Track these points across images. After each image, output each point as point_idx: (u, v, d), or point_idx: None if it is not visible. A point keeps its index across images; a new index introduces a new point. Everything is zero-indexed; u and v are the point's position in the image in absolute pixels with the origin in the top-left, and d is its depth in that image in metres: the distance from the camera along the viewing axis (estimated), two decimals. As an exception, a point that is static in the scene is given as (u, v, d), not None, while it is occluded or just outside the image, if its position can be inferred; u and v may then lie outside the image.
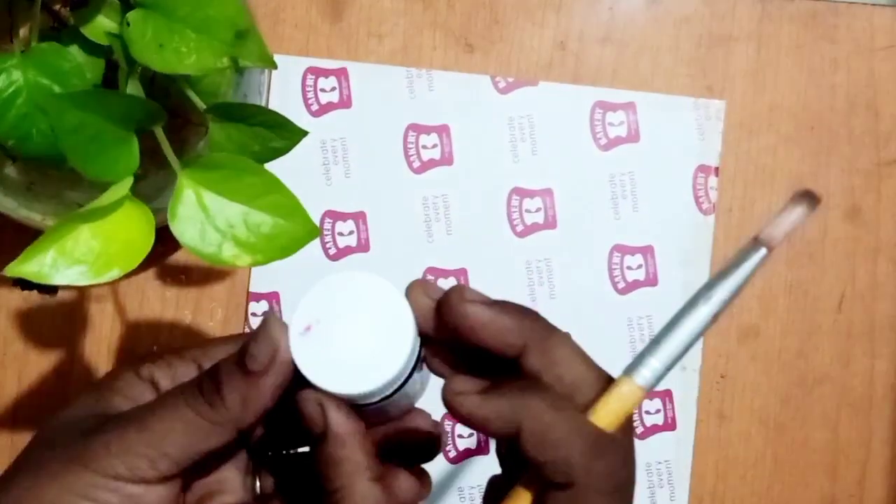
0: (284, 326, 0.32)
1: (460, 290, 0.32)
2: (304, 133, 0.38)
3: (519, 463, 0.31)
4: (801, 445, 0.55)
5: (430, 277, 0.54)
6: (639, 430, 0.55)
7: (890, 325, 0.55)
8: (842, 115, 0.55)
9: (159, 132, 0.37)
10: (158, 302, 0.54)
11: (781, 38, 0.55)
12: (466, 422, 0.31)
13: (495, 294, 0.53)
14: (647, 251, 0.55)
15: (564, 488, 0.30)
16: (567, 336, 0.32)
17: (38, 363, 0.54)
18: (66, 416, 0.34)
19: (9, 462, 0.34)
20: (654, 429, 0.55)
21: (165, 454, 0.31)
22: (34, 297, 0.54)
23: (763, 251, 0.31)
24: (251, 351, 0.32)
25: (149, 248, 0.36)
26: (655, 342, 0.31)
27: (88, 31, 0.38)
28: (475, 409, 0.30)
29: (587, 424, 0.30)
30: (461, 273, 0.54)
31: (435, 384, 0.33)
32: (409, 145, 0.55)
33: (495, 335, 0.31)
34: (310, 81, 0.54)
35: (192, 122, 0.44)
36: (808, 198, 0.31)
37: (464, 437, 0.54)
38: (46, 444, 0.33)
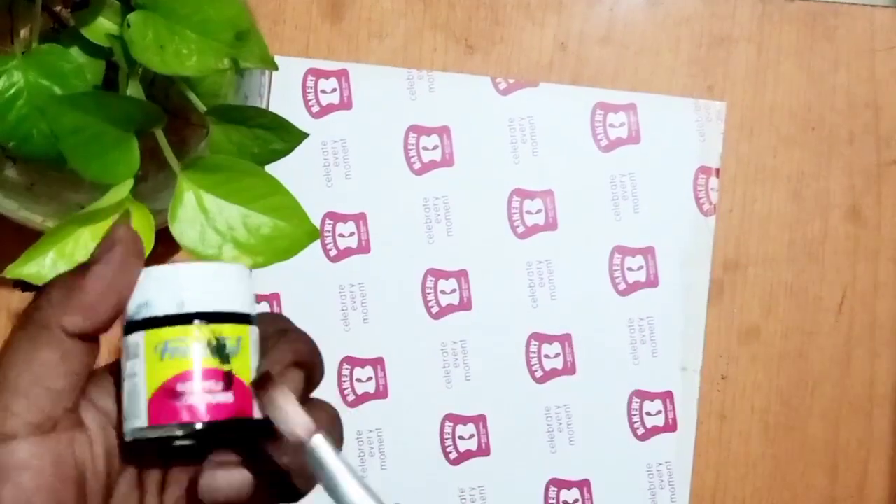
0: (137, 239, 0.29)
1: None
2: (305, 135, 0.38)
3: None
4: (802, 446, 0.55)
5: (430, 279, 0.54)
6: (639, 431, 0.55)
7: (890, 325, 0.55)
8: (842, 116, 0.55)
9: (159, 134, 0.37)
10: (159, 303, 0.54)
11: (782, 38, 0.55)
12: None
13: (498, 296, 0.53)
14: (647, 252, 0.55)
15: None
16: None
17: (39, 364, 0.54)
18: None
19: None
20: (655, 430, 0.55)
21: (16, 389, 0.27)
22: (35, 298, 0.54)
23: (317, 437, 0.28)
24: (94, 251, 0.29)
25: (149, 250, 0.36)
26: None
27: (89, 32, 0.38)
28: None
29: None
30: (462, 274, 0.54)
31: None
32: (410, 147, 0.55)
33: None
34: (310, 83, 0.54)
35: (192, 124, 0.45)
36: (266, 384, 0.29)
37: (464, 438, 0.54)
38: None
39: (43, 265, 0.34)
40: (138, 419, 0.29)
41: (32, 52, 0.37)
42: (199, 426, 0.28)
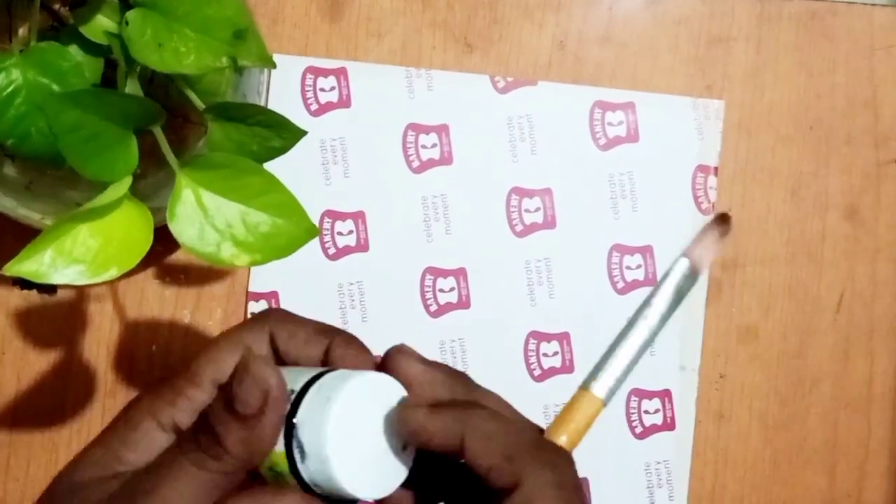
0: (269, 361, 0.32)
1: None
2: (303, 133, 0.38)
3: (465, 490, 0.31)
4: (800, 445, 0.55)
5: (429, 277, 0.54)
6: (638, 430, 0.55)
7: (889, 325, 0.55)
8: (841, 115, 0.55)
9: (158, 132, 0.37)
10: (157, 301, 0.54)
11: (780, 37, 0.55)
12: (415, 437, 0.31)
13: (496, 294, 0.53)
14: (646, 251, 0.55)
15: (511, 492, 0.30)
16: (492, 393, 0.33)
17: (38, 362, 0.54)
18: (77, 476, 0.33)
19: (7, 460, 0.34)
20: (653, 429, 0.55)
21: None
22: (33, 296, 0.54)
23: (686, 262, 0.34)
24: (239, 396, 0.31)
25: (147, 248, 0.36)
26: (606, 358, 0.33)
27: (87, 30, 0.38)
28: (422, 422, 0.31)
29: (528, 428, 0.31)
30: (460, 273, 0.54)
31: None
32: (409, 145, 0.55)
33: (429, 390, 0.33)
34: (309, 81, 0.54)
35: (191, 122, 0.44)
36: (724, 222, 0.34)
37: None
38: None
39: (41, 263, 0.34)
40: None
41: (31, 49, 0.37)
42: None
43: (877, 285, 0.55)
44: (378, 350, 0.35)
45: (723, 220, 0.35)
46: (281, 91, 0.54)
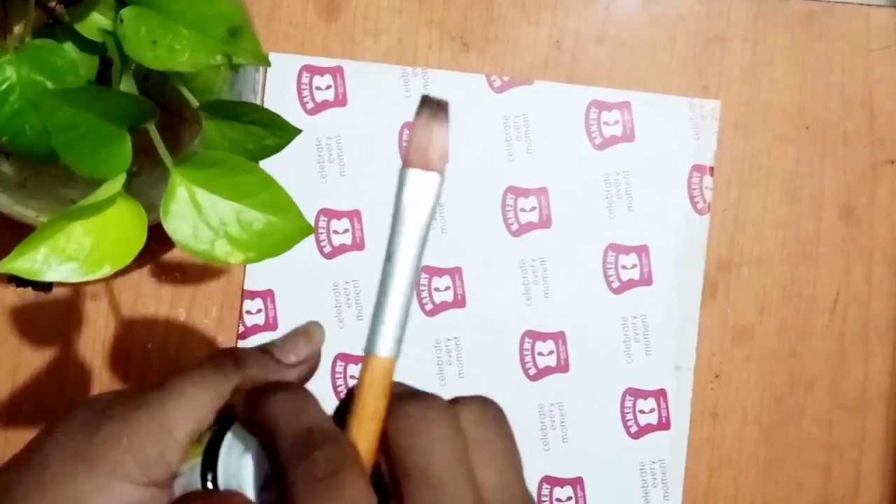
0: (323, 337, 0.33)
1: None
2: (298, 131, 0.38)
3: None
4: (795, 445, 0.55)
5: (424, 276, 0.54)
6: (633, 429, 0.55)
7: (884, 325, 0.55)
8: (837, 115, 0.55)
9: (153, 129, 0.37)
10: (153, 299, 0.54)
11: (777, 37, 0.55)
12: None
13: (492, 293, 0.53)
14: (641, 250, 0.55)
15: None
16: None
17: (33, 360, 0.54)
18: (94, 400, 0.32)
19: (3, 457, 0.34)
20: (649, 428, 0.55)
21: (175, 440, 0.29)
22: (29, 293, 0.54)
23: (438, 177, 0.30)
24: (286, 345, 0.32)
25: (141, 245, 0.36)
26: (378, 311, 0.29)
27: (82, 27, 0.38)
28: None
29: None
30: (456, 272, 0.54)
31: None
32: (404, 143, 0.55)
33: None
34: (305, 79, 0.54)
35: (185, 120, 0.44)
36: (432, 106, 0.29)
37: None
38: (58, 433, 0.31)
39: (35, 260, 0.34)
40: None
41: (26, 47, 0.37)
42: None
43: (872, 285, 0.55)
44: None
45: (429, 103, 0.29)
46: (277, 89, 0.54)
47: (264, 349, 0.32)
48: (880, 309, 0.55)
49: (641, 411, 0.55)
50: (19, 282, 0.54)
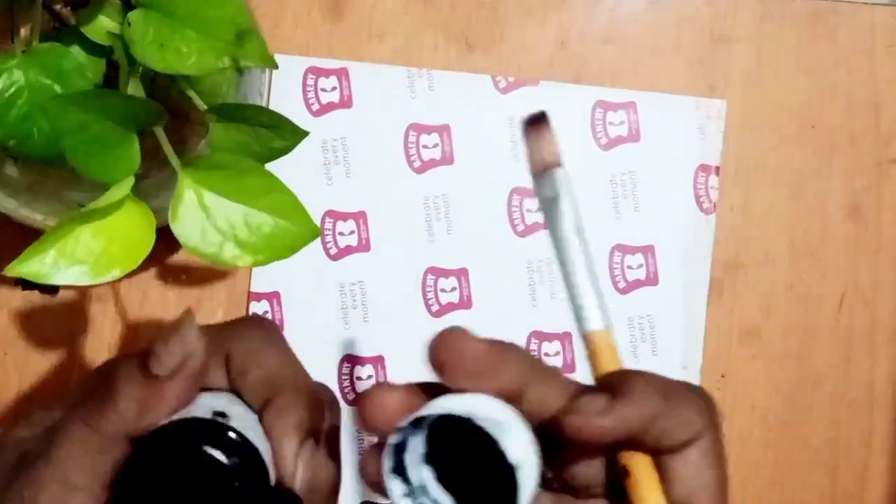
0: (200, 330, 0.30)
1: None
2: (305, 133, 0.38)
3: None
4: (802, 445, 0.55)
5: (430, 277, 0.54)
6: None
7: (891, 324, 0.55)
8: (843, 115, 0.55)
9: (160, 132, 0.37)
10: (159, 302, 0.54)
11: (782, 37, 0.55)
12: (592, 440, 0.29)
13: (498, 294, 0.53)
14: (647, 251, 0.55)
15: (683, 448, 0.28)
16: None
17: (40, 363, 0.54)
18: (12, 433, 0.31)
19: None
20: (655, 428, 0.55)
21: (74, 486, 0.28)
22: (35, 297, 0.54)
23: (559, 169, 0.33)
24: (158, 353, 0.29)
25: (149, 249, 0.36)
26: (573, 289, 0.31)
27: (89, 31, 0.38)
28: (602, 424, 0.28)
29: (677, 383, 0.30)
30: (462, 273, 0.54)
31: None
32: (410, 145, 0.55)
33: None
34: (310, 81, 0.54)
35: (192, 123, 0.44)
36: (533, 121, 0.33)
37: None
38: None
39: (44, 263, 0.34)
40: None
41: (33, 50, 0.37)
42: None
43: (879, 285, 0.55)
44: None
45: (530, 120, 0.33)
46: (282, 91, 0.54)
47: (141, 364, 0.29)
48: (887, 308, 0.55)
49: (648, 412, 0.54)
50: (26, 285, 0.54)
